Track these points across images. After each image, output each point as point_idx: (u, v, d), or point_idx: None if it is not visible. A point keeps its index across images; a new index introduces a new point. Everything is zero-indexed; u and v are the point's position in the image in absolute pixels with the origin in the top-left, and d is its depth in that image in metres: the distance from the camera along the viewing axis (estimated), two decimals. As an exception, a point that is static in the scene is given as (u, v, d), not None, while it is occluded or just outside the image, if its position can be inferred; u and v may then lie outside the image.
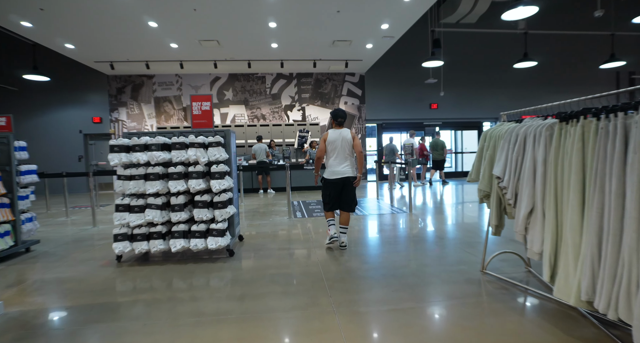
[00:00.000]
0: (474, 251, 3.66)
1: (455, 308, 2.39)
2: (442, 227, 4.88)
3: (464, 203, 7.03)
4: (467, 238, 4.20)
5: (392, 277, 3.01)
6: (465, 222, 5.13)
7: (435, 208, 6.47)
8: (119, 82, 11.59)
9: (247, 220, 5.73)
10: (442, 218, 5.44)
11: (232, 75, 11.86)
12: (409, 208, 5.99)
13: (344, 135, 3.85)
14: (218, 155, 3.61)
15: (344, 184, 3.86)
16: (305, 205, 7.20)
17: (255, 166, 9.24)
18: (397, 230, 4.76)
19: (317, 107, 12.18)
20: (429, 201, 7.40)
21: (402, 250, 3.79)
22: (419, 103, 12.69)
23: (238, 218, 4.31)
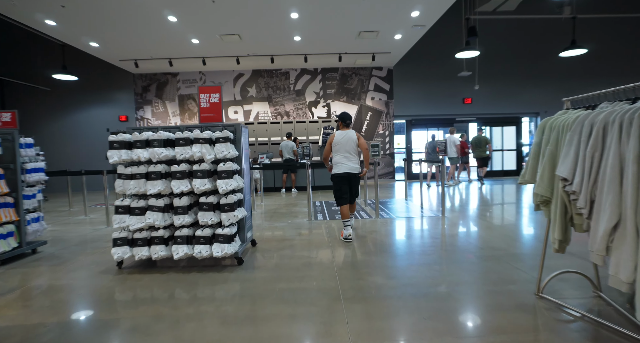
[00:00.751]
0: (524, 267, 3.07)
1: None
2: (482, 234, 4.27)
3: (505, 205, 6.33)
4: (514, 250, 3.59)
5: (423, 298, 2.50)
6: (511, 230, 4.49)
7: (473, 211, 5.83)
8: (145, 80, 11.62)
9: (265, 222, 5.36)
10: (482, 225, 4.81)
11: (256, 72, 11.59)
12: (442, 211, 5.40)
13: (350, 136, 4.23)
14: (226, 152, 3.23)
15: (350, 179, 4.23)
16: (327, 206, 6.75)
17: (282, 164, 8.91)
18: (428, 237, 4.21)
19: (342, 103, 11.68)
20: (465, 203, 6.74)
21: (435, 262, 3.26)
22: (451, 98, 11.89)
23: (250, 221, 3.93)
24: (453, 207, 6.27)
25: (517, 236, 4.13)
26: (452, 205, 6.49)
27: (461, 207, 6.23)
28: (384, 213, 5.72)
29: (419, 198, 7.08)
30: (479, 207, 6.29)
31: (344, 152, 4.22)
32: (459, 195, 7.83)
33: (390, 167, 11.88)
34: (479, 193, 8.08)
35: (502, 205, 6.45)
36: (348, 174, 4.19)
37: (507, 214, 5.56)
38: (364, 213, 5.83)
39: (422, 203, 6.48)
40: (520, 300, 2.42)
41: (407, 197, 7.44)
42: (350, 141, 4.20)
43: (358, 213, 5.88)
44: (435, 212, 5.73)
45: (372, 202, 7.07)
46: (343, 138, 4.22)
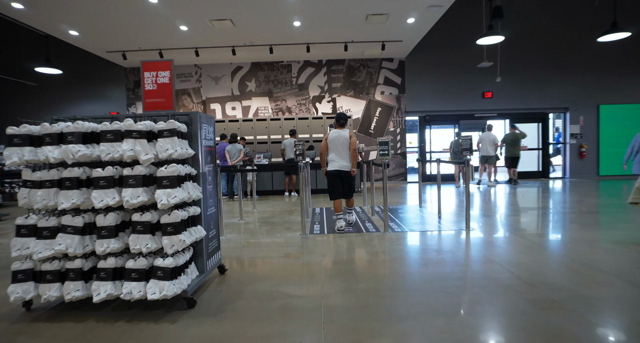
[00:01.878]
0: (610, 322, 2.06)
1: None
2: (527, 261, 3.24)
3: (549, 215, 5.26)
4: (582, 289, 2.56)
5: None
6: (569, 255, 3.44)
7: (506, 223, 4.79)
8: (136, 74, 10.84)
9: (248, 236, 4.42)
10: (524, 245, 3.76)
11: (255, 64, 10.69)
12: (466, 224, 4.37)
13: (343, 135, 4.45)
14: (171, 151, 2.30)
15: (342, 176, 4.46)
16: (328, 214, 5.79)
17: (279, 165, 8.01)
18: (451, 263, 3.21)
19: (349, 98, 10.70)
20: (494, 211, 5.69)
21: (468, 312, 2.26)
22: (470, 91, 10.78)
23: (217, 241, 2.99)
24: (480, 216, 5.23)
25: (580, 265, 3.09)
26: (479, 214, 5.44)
27: (489, 217, 5.19)
28: (394, 225, 4.72)
29: (436, 204, 6.06)
30: (512, 216, 5.24)
31: (337, 150, 4.45)
32: (486, 201, 6.77)
33: (401, 167, 10.84)
34: (512, 198, 6.99)
35: (545, 214, 5.38)
36: (339, 171, 4.44)
37: (556, 229, 4.50)
38: (370, 224, 4.85)
39: (439, 212, 5.45)
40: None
41: (421, 204, 6.42)
42: (343, 140, 4.43)
43: (363, 224, 4.90)
44: (457, 225, 4.71)
45: (380, 209, 6.07)
46: (336, 137, 4.45)
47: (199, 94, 10.78)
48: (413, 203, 6.76)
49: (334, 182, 4.46)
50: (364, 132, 10.69)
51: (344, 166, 4.42)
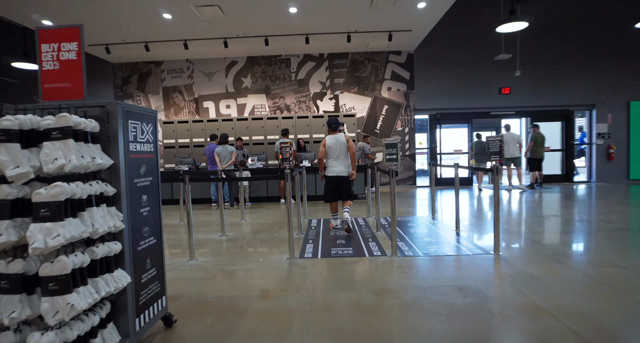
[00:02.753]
0: None
1: None
2: (592, 311, 2.36)
3: (597, 232, 4.36)
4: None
5: None
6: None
7: (545, 246, 3.89)
8: (125, 70, 10.10)
9: (223, 260, 3.60)
10: (581, 282, 2.88)
11: (251, 59, 9.88)
12: (495, 245, 3.49)
13: (340, 140, 4.46)
14: (63, 161, 1.47)
15: (340, 182, 4.50)
16: (325, 228, 4.94)
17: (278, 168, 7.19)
18: (485, 314, 2.34)
19: (353, 95, 9.83)
20: (529, 226, 4.79)
21: None
22: (486, 87, 9.85)
23: (160, 285, 2.16)
24: (508, 232, 4.34)
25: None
26: (506, 228, 4.55)
27: (522, 234, 4.29)
28: (404, 246, 3.85)
29: (452, 215, 5.19)
30: (550, 233, 4.34)
31: (336, 156, 4.48)
32: (514, 210, 5.86)
33: (410, 170, 9.94)
34: (544, 206, 6.07)
35: (591, 230, 4.46)
36: (336, 177, 4.49)
37: (615, 254, 3.59)
38: (374, 244, 3.99)
39: (457, 226, 4.57)
40: None
41: (434, 214, 5.54)
42: (341, 145, 4.45)
43: (366, 243, 4.04)
44: (481, 245, 3.83)
45: (387, 222, 5.20)
46: (334, 143, 4.46)
47: (191, 91, 10.01)
48: (424, 214, 5.88)
49: (331, 187, 4.53)
50: (369, 132, 9.82)
51: (343, 172, 4.47)
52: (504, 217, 5.41)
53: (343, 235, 4.45)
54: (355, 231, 4.67)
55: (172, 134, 9.46)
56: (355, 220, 5.39)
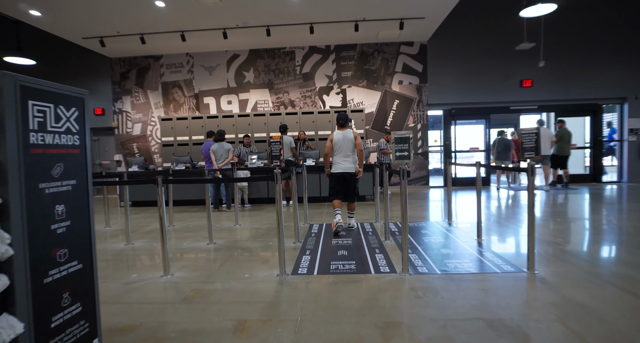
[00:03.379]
0: None
1: None
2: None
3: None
4: None
5: None
6: None
7: (592, 263, 3.24)
8: (123, 65, 9.69)
9: (202, 276, 3.06)
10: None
11: (253, 52, 9.36)
12: (528, 261, 2.86)
13: (347, 136, 4.35)
14: None
15: (346, 178, 4.36)
16: (327, 234, 4.37)
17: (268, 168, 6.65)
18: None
19: (361, 89, 9.22)
20: (565, 233, 4.13)
21: None
22: (505, 80, 9.11)
23: (91, 323, 1.62)
24: (542, 243, 3.69)
25: None
26: (541, 238, 3.90)
27: (559, 245, 3.64)
28: (418, 260, 3.25)
29: (469, 220, 4.56)
30: (593, 245, 3.68)
31: (342, 152, 4.34)
32: (547, 215, 5.19)
33: (422, 170, 9.28)
34: (578, 210, 5.37)
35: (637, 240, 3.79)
36: (343, 174, 4.34)
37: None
38: (381, 256, 3.40)
39: (479, 235, 3.94)
40: None
41: (450, 219, 4.91)
42: (348, 141, 4.32)
43: (372, 254, 3.45)
44: (510, 259, 3.20)
45: (397, 229, 4.60)
46: (341, 138, 4.34)
47: (191, 87, 9.54)
48: (439, 219, 5.26)
49: (336, 184, 4.42)
50: (379, 129, 9.19)
51: (350, 168, 4.34)
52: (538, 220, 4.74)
53: (346, 244, 3.87)
54: (361, 239, 4.09)
55: (171, 131, 9.01)
56: (361, 226, 4.81)
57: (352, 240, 4.07)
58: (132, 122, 9.74)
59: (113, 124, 9.76)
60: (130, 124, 9.75)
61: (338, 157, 4.37)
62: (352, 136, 4.34)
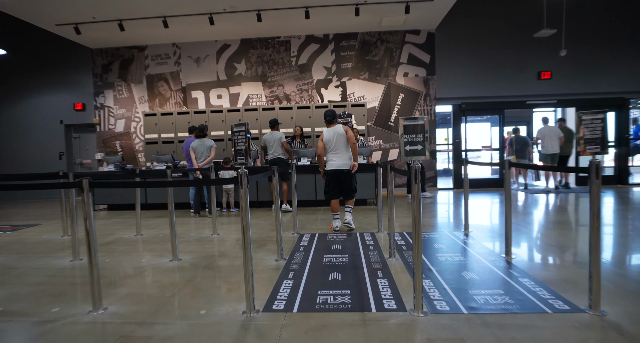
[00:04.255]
0: None
1: None
2: None
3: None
4: None
5: None
6: None
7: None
8: (105, 57, 8.95)
9: (144, 311, 2.28)
10: None
11: (245, 42, 8.59)
12: (593, 295, 2.07)
13: (338, 131, 4.23)
14: None
15: (341, 176, 4.26)
16: (318, 248, 3.58)
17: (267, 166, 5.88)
18: None
19: (363, 82, 8.42)
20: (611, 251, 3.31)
21: None
22: (521, 71, 8.29)
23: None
24: (579, 261, 2.88)
25: None
26: (584, 257, 3.09)
27: (623, 269, 2.83)
28: (432, 290, 2.44)
29: (488, 228, 3.78)
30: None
31: (336, 149, 4.23)
32: (572, 223, 4.37)
33: (430, 170, 8.47)
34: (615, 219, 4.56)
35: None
36: (337, 171, 4.25)
37: None
38: (384, 282, 2.60)
39: (508, 251, 3.14)
40: None
41: (467, 229, 4.12)
42: (339, 137, 4.21)
43: (372, 280, 2.66)
44: (561, 292, 2.40)
45: (404, 242, 3.81)
46: (332, 136, 4.22)
47: (178, 80, 8.79)
48: (453, 228, 4.45)
49: (331, 182, 4.32)
50: (382, 125, 8.39)
51: (344, 165, 4.25)
52: (565, 235, 3.94)
53: (341, 263, 3.08)
54: (359, 255, 3.30)
55: (155, 127, 8.26)
56: (360, 237, 4.01)
57: (348, 256, 3.28)
58: (115, 118, 8.99)
59: (94, 120, 9.02)
60: (113, 120, 9.01)
61: (331, 154, 4.25)
62: (342, 131, 4.22)
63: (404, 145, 2.06)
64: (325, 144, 4.25)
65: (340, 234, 4.20)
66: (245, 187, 2.17)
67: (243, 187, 2.16)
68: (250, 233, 2.18)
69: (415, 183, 1.96)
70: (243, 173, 2.16)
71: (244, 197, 2.18)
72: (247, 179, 2.16)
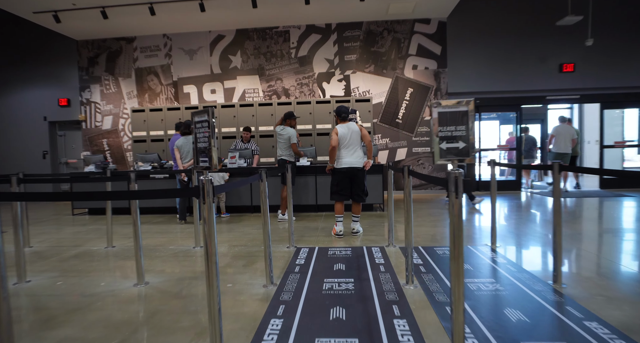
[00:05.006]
0: None
1: None
2: None
3: None
4: None
5: None
6: None
7: None
8: (91, 49, 8.35)
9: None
10: None
11: (241, 32, 7.96)
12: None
13: (352, 128, 4.00)
14: None
15: (353, 174, 3.99)
16: (318, 269, 2.94)
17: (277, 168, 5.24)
18: None
19: (368, 75, 7.77)
20: None
21: None
22: (541, 63, 7.60)
23: None
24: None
25: None
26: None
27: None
28: (468, 339, 1.80)
29: (518, 242, 3.13)
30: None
31: (349, 146, 3.99)
32: (613, 232, 3.70)
33: (441, 172, 7.81)
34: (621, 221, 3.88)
35: None
36: (351, 169, 3.97)
37: None
38: (403, 324, 1.96)
39: (558, 278, 2.48)
40: None
41: (494, 243, 3.46)
42: (354, 134, 3.99)
43: (388, 317, 2.02)
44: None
45: (420, 260, 3.16)
46: (347, 132, 3.96)
47: (169, 73, 8.17)
48: (476, 241, 3.79)
49: (341, 182, 4.02)
50: (388, 123, 7.74)
51: (357, 162, 3.98)
52: (616, 249, 3.27)
53: (345, 292, 2.44)
54: (368, 280, 2.65)
55: (143, 125, 7.65)
56: (368, 254, 3.37)
57: (354, 281, 2.64)
58: (102, 114, 8.39)
59: (80, 117, 8.42)
60: (100, 116, 8.40)
61: (344, 151, 3.98)
62: (357, 128, 4.02)
63: (438, 143, 1.41)
64: (340, 139, 3.96)
65: (344, 249, 3.56)
66: (210, 200, 1.53)
67: (206, 202, 1.51)
68: (216, 268, 1.54)
69: (456, 197, 1.31)
70: (207, 181, 1.52)
71: (208, 207, 1.53)
72: (212, 190, 1.52)
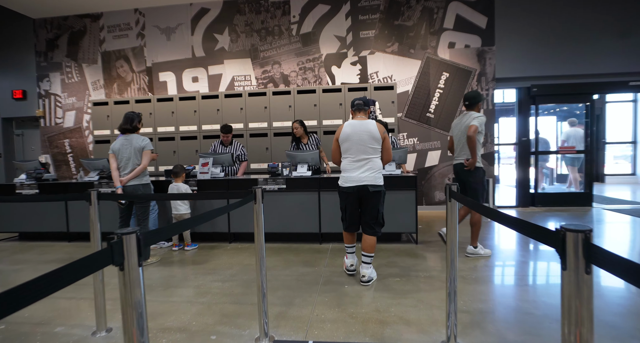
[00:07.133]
0: None
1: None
2: None
3: None
4: None
5: None
6: None
7: None
8: (51, 29, 6.86)
9: None
10: None
11: (229, 4, 6.33)
12: None
13: (364, 128, 2.62)
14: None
15: (362, 196, 2.65)
16: None
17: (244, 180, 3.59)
18: None
19: (390, 57, 6.03)
20: None
21: None
22: (619, 41, 5.73)
23: None
24: None
25: None
26: None
27: None
28: None
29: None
30: None
31: (356, 153, 2.65)
32: None
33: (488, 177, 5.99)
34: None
35: None
36: (354, 189, 2.65)
37: None
38: None
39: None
40: None
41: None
42: (364, 135, 2.60)
43: None
44: None
45: None
46: (355, 131, 2.62)
47: (142, 58, 6.61)
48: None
49: (346, 205, 2.74)
50: (417, 118, 5.99)
51: (367, 179, 2.61)
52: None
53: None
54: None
55: (107, 121, 6.11)
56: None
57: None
58: (63, 109, 6.89)
59: (37, 112, 6.94)
60: (61, 112, 6.91)
61: (347, 162, 2.70)
62: (373, 128, 2.61)
63: None
64: (341, 142, 2.69)
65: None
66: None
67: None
68: None
69: None
70: None
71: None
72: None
